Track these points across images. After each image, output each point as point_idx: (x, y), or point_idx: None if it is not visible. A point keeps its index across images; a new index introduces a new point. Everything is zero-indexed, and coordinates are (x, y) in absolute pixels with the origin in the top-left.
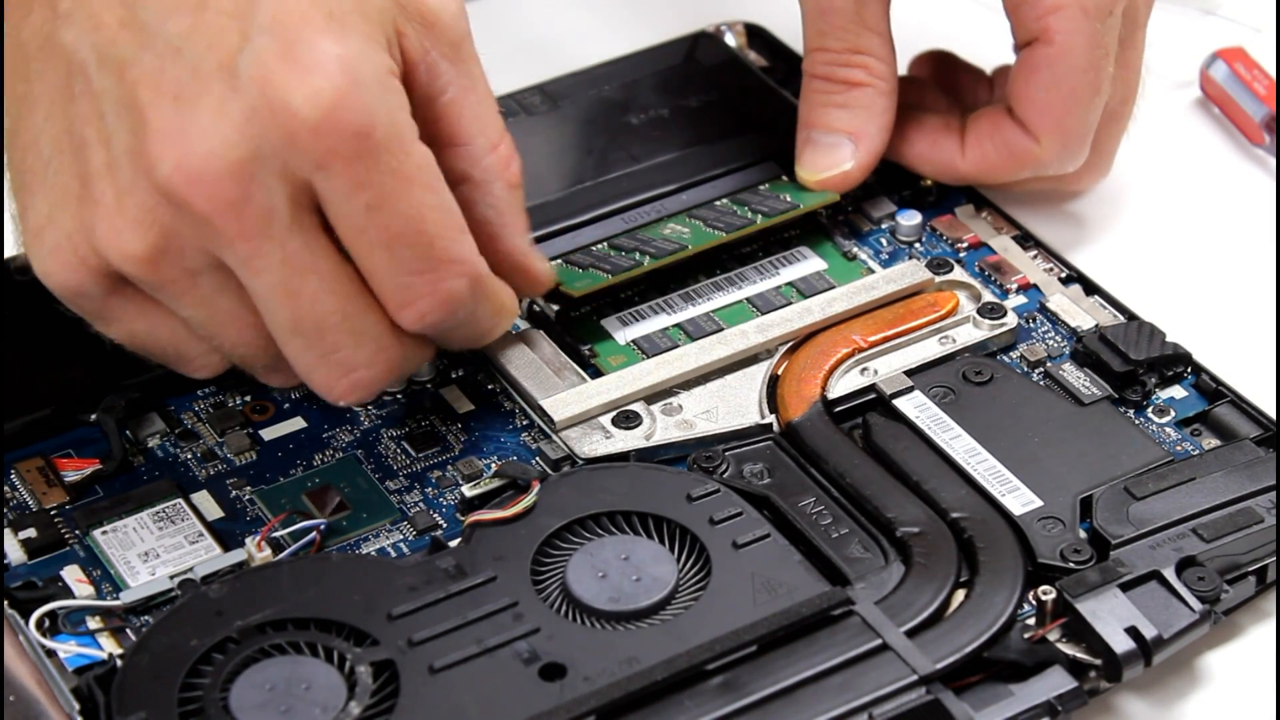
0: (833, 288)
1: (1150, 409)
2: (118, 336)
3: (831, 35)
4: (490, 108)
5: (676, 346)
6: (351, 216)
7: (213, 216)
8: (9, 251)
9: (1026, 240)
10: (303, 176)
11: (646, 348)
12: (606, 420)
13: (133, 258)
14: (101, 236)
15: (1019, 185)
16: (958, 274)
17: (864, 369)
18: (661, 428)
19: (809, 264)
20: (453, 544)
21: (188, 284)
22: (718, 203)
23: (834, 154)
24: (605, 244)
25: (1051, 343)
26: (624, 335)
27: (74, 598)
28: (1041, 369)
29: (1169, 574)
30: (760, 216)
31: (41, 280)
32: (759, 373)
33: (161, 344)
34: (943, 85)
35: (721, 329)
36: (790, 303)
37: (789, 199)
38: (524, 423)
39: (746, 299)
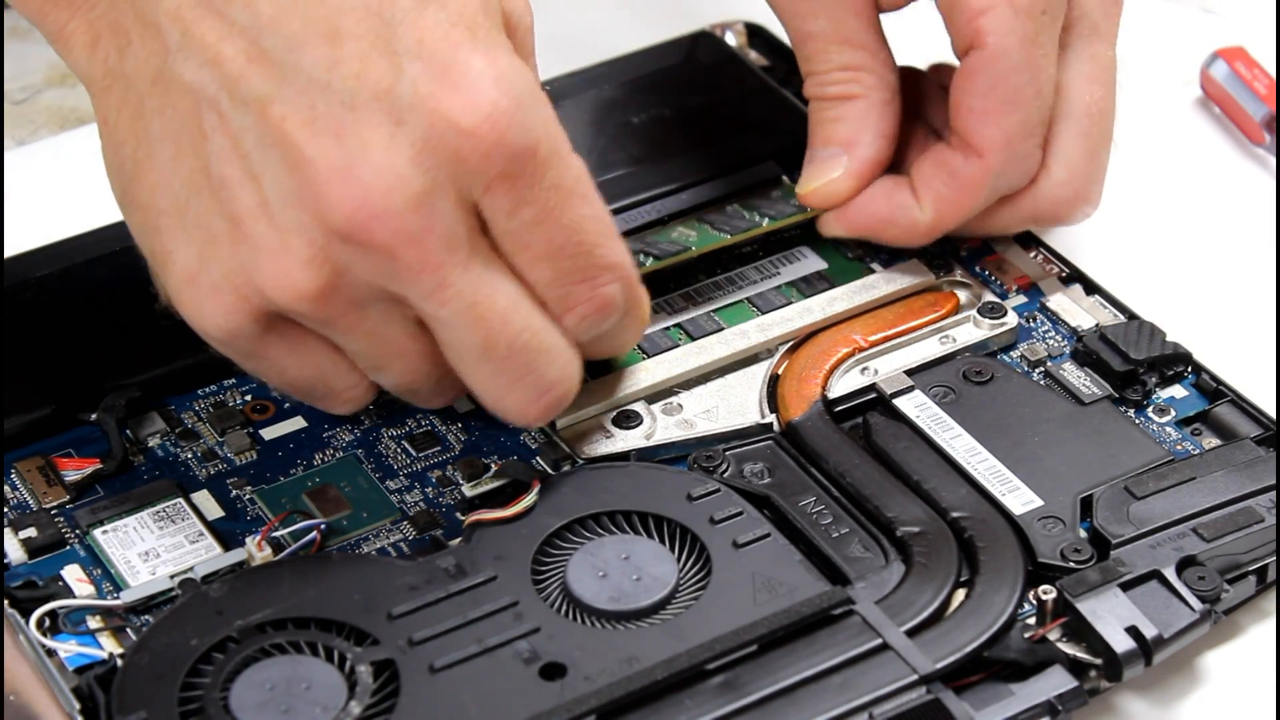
0: (833, 287)
1: (1150, 409)
2: (265, 375)
3: (816, 59)
4: None
5: (676, 346)
6: (516, 233)
7: (397, 251)
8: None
9: (1026, 240)
10: (474, 199)
11: (646, 348)
12: (606, 420)
13: (304, 297)
14: (267, 278)
15: (1001, 226)
16: (958, 274)
17: (864, 369)
18: (661, 427)
19: (809, 264)
20: (453, 544)
21: (357, 317)
22: (728, 207)
23: (826, 166)
24: None
25: (1051, 342)
26: None
27: (74, 597)
28: (1042, 369)
29: (1169, 573)
30: (767, 220)
31: (192, 324)
32: (759, 372)
33: (311, 380)
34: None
35: (721, 329)
36: (790, 302)
37: (796, 204)
38: None
39: (746, 299)
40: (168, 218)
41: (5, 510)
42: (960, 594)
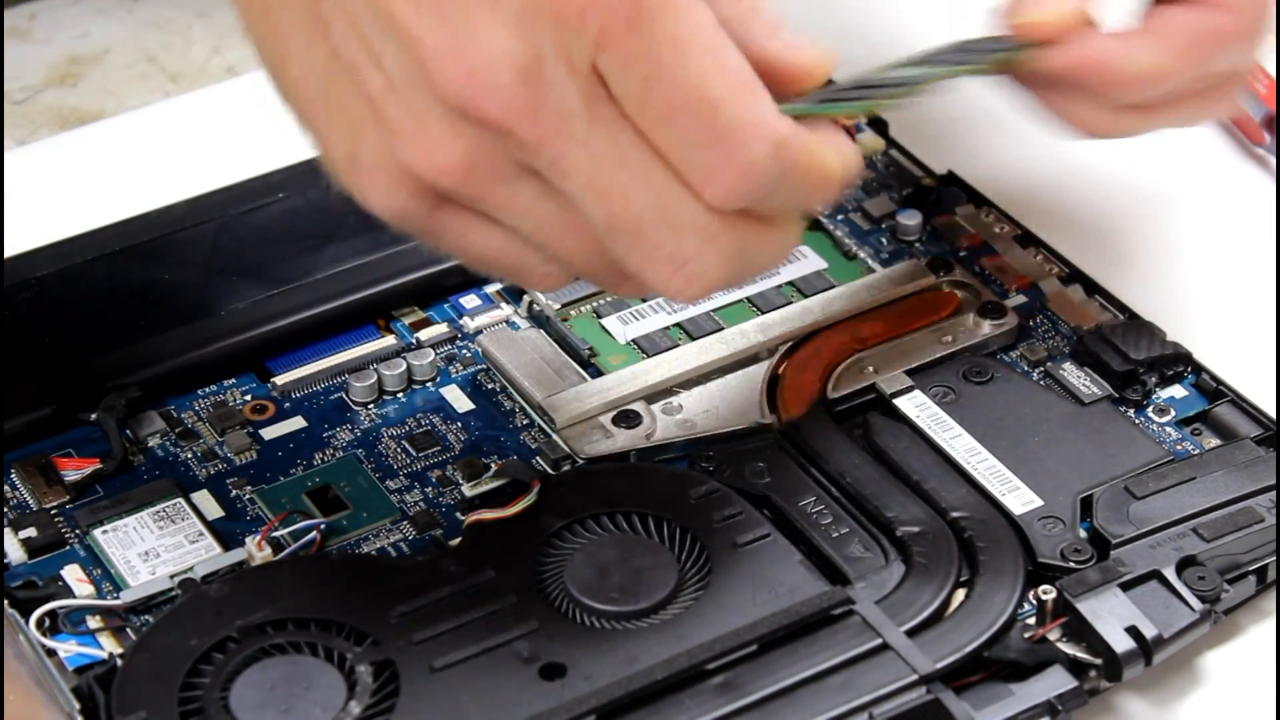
0: (833, 287)
1: (1150, 408)
2: (456, 252)
3: None
4: None
5: (676, 346)
6: (632, 94)
7: (511, 126)
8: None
9: (1026, 240)
10: (588, 63)
11: (646, 347)
12: (606, 420)
13: (446, 172)
14: (410, 156)
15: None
16: (958, 274)
17: (864, 369)
18: (661, 427)
19: (809, 263)
20: (453, 544)
21: (507, 193)
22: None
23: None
24: None
25: (1051, 343)
26: (624, 335)
27: (74, 597)
28: (1041, 369)
29: (1169, 573)
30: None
31: (366, 207)
32: (759, 372)
33: (498, 257)
34: None
35: (721, 328)
36: (790, 302)
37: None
38: (524, 422)
39: (746, 298)
40: (315, 107)
41: (5, 510)
42: (960, 594)
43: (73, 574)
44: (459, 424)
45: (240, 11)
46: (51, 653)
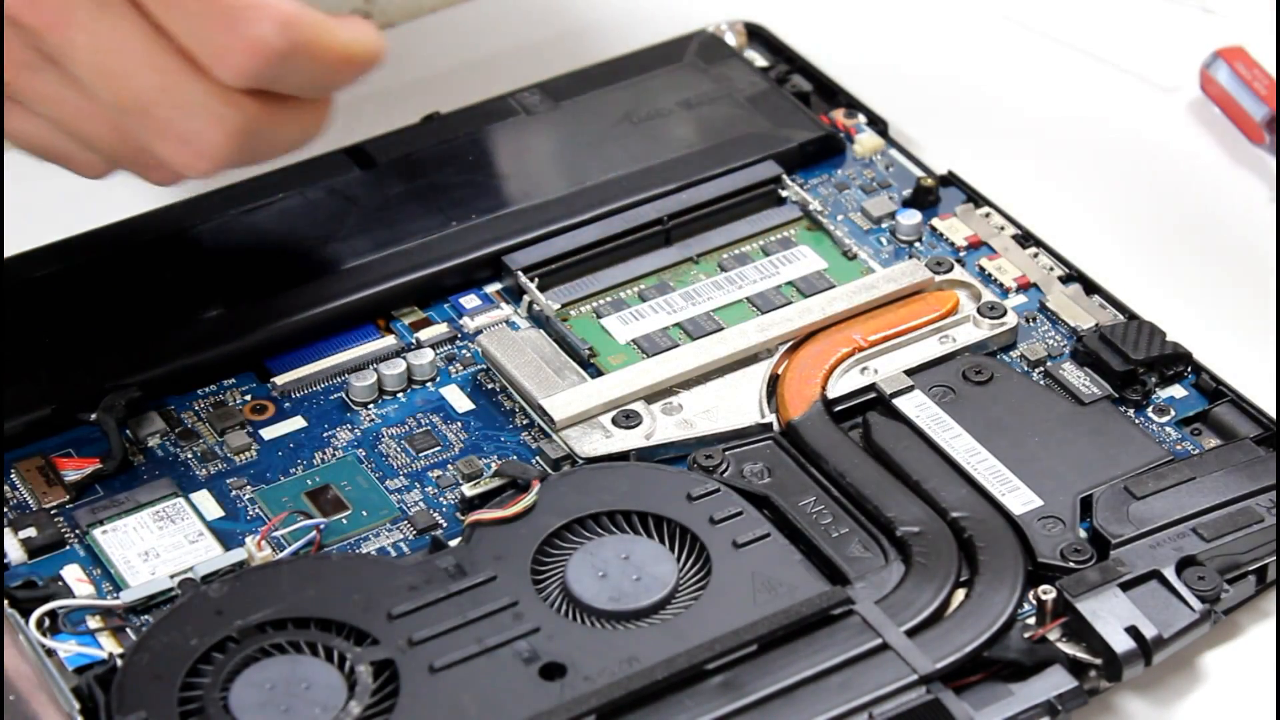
0: (833, 287)
1: (1150, 408)
2: (13, 140)
3: None
4: None
5: (676, 346)
6: None
7: (15, 15)
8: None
9: (1026, 240)
10: None
11: (646, 347)
12: (606, 420)
13: None
14: None
15: None
16: (958, 274)
17: (864, 368)
18: (661, 427)
19: (809, 263)
20: (453, 544)
21: (32, 81)
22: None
23: None
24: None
25: (1051, 342)
26: (624, 335)
27: (74, 597)
28: (1041, 368)
29: (1169, 573)
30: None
31: None
32: (759, 372)
33: (40, 144)
34: None
35: (721, 328)
36: (790, 302)
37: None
38: (524, 422)
39: (746, 298)
40: None
41: (5, 510)
42: (960, 594)
43: (73, 574)
44: (459, 424)
45: None
46: (51, 653)
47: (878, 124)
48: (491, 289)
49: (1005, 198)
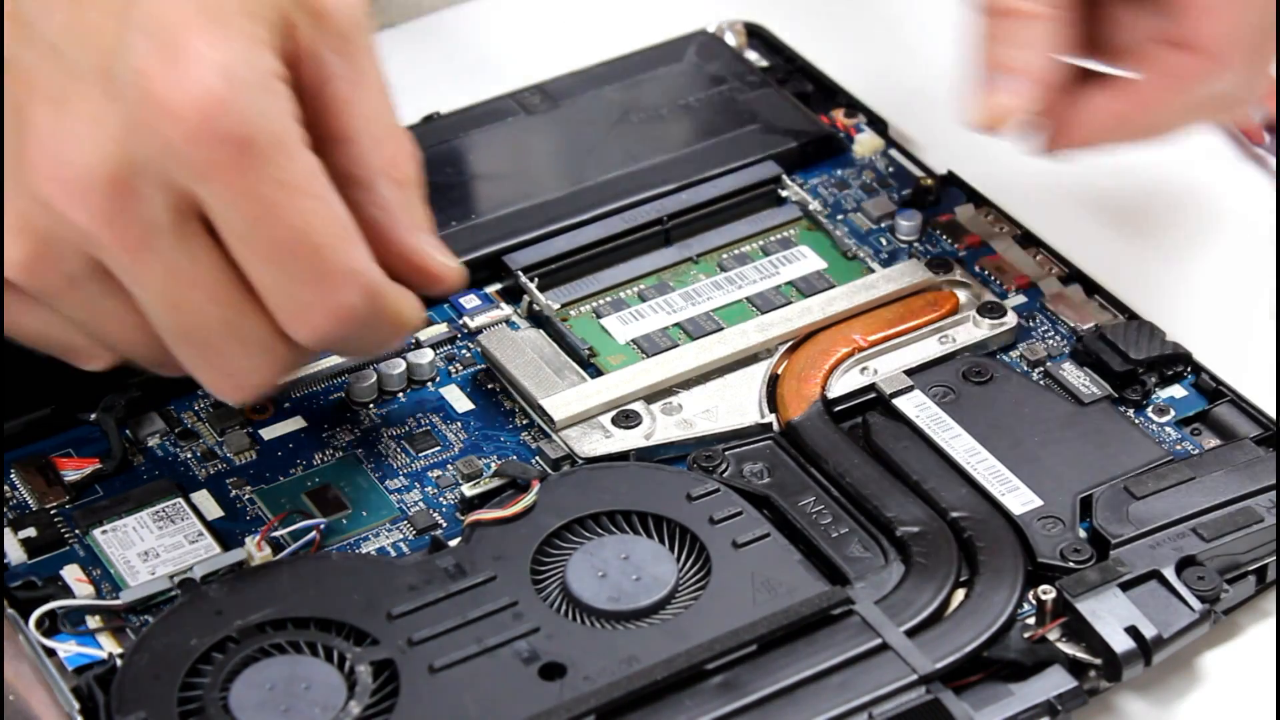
0: (833, 287)
1: (1150, 408)
2: (9, 331)
3: None
4: (380, 103)
5: (676, 346)
6: (235, 228)
7: (91, 229)
8: None
9: (1026, 240)
10: (184, 186)
11: (646, 347)
12: (606, 420)
13: (9, 264)
14: None
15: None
16: (958, 274)
17: (864, 368)
18: (661, 427)
19: (809, 263)
20: (453, 544)
21: (69, 289)
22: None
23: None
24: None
25: (1051, 342)
26: (624, 335)
27: (74, 597)
28: (1041, 369)
29: (1169, 573)
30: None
31: None
32: (759, 372)
33: (50, 340)
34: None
35: (721, 328)
36: (790, 302)
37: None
38: (524, 422)
39: (746, 298)
40: None
41: (5, 510)
42: (960, 594)
43: (72, 574)
44: (459, 424)
45: None
46: (51, 653)
47: (878, 124)
48: (491, 289)
49: (1005, 198)
